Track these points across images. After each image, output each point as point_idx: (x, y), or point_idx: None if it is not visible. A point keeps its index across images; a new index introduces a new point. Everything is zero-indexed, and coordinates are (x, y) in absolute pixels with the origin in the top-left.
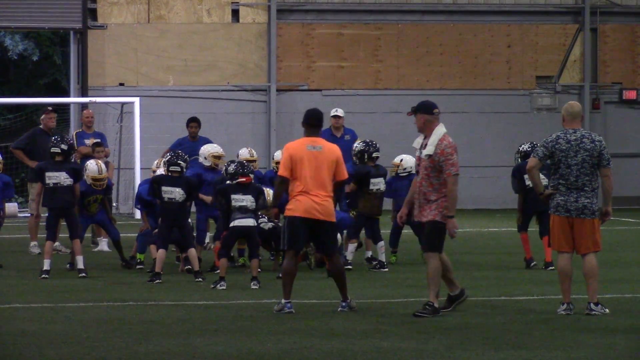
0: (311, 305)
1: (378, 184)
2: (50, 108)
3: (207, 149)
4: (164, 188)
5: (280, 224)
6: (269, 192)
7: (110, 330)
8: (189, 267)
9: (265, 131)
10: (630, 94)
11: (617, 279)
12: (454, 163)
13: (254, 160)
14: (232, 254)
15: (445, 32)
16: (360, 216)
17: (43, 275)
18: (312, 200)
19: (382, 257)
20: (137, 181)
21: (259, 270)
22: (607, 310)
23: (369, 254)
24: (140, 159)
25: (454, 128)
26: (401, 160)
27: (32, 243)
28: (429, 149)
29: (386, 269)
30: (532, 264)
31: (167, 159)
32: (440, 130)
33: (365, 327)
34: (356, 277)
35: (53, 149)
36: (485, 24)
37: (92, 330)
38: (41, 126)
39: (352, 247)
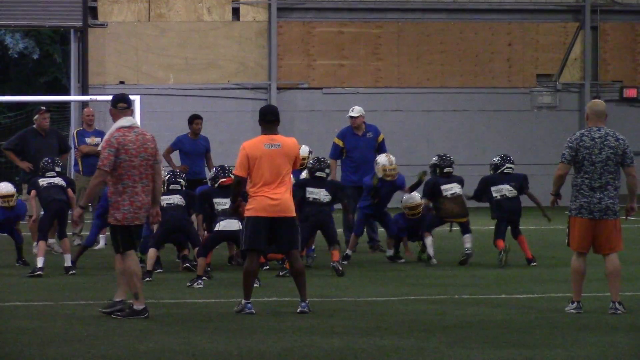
0: (311, 304)
1: (451, 188)
2: (43, 108)
3: None
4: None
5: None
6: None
7: (111, 329)
8: (188, 264)
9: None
10: (631, 92)
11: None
12: (101, 158)
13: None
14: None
15: (446, 31)
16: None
17: (37, 272)
18: (270, 199)
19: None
20: None
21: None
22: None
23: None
24: None
25: (455, 126)
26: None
27: (35, 244)
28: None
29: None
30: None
31: (166, 178)
32: (116, 124)
33: (366, 325)
34: (357, 276)
35: (49, 174)
36: (486, 22)
37: (92, 329)
38: (34, 126)
39: (429, 240)
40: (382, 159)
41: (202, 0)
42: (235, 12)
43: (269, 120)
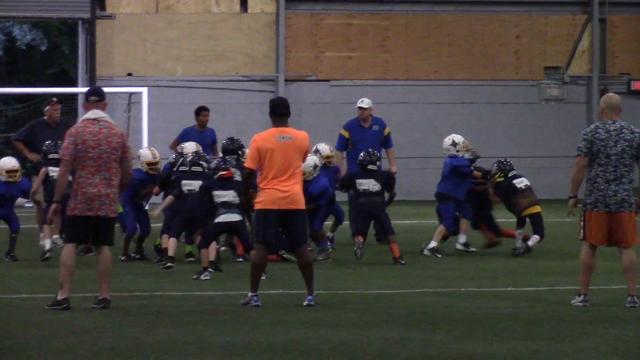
0: (318, 296)
1: (521, 181)
2: (54, 99)
3: None
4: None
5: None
6: None
7: (118, 321)
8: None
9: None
10: (639, 85)
11: (622, 270)
12: (62, 148)
13: (331, 156)
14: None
15: (454, 23)
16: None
17: (47, 255)
18: (281, 191)
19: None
20: None
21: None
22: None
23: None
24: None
25: (463, 118)
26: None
27: (42, 234)
28: None
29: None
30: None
31: (189, 159)
32: (83, 116)
33: (373, 317)
34: (364, 268)
35: (52, 155)
36: (494, 14)
37: (99, 321)
38: (45, 117)
39: (534, 239)
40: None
41: None
42: (244, 3)
43: (279, 113)
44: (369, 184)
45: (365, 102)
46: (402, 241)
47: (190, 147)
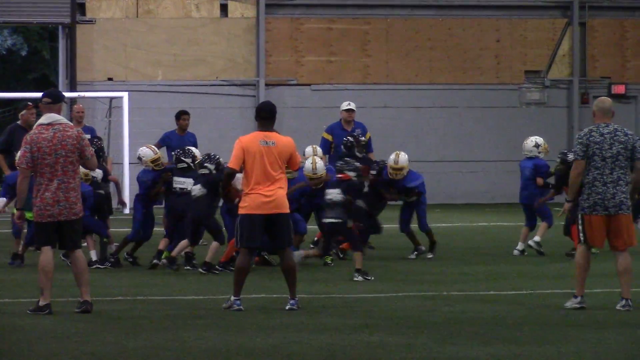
0: (300, 301)
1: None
2: (30, 103)
3: None
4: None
5: None
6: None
7: (100, 326)
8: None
9: (254, 126)
10: (619, 89)
11: (605, 274)
12: (19, 156)
13: (319, 177)
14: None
15: (435, 27)
16: None
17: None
18: (264, 196)
19: None
20: (126, 175)
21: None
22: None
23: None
24: (129, 154)
25: (443, 123)
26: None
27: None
28: None
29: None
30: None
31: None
32: (38, 121)
33: (355, 322)
34: (345, 272)
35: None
36: (474, 19)
37: (81, 326)
38: (19, 122)
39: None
40: (306, 165)
41: None
42: (224, 8)
43: (264, 117)
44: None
45: (352, 105)
46: (384, 245)
47: (147, 153)
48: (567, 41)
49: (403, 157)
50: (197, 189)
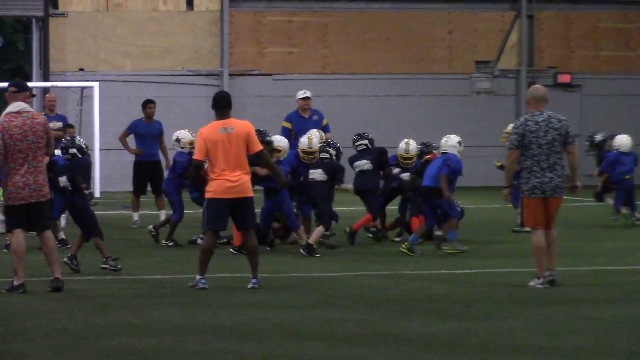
0: (262, 280)
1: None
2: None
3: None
4: None
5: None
6: None
7: (70, 304)
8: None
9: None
10: (565, 78)
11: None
12: None
13: (314, 152)
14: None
15: (390, 19)
16: None
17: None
18: (229, 181)
19: None
20: (97, 162)
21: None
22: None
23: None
24: (99, 141)
25: (399, 111)
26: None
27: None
28: None
29: None
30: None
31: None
32: (5, 110)
33: (315, 299)
34: (308, 255)
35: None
36: (427, 12)
37: (54, 304)
38: None
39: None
40: (302, 139)
41: None
42: (190, 2)
43: (220, 106)
44: (315, 174)
45: (308, 93)
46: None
47: (186, 135)
48: (515, 33)
49: (413, 145)
50: (318, 174)
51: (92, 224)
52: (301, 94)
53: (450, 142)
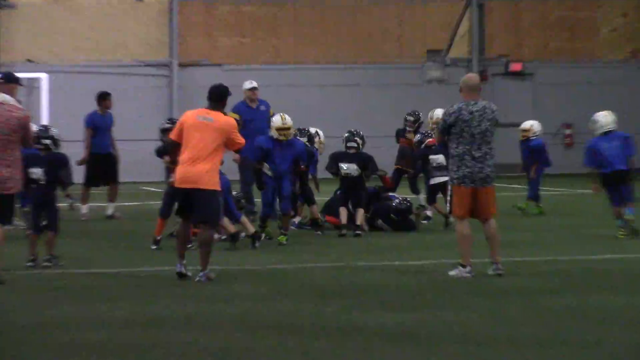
0: (214, 272)
1: None
2: None
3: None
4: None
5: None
6: None
7: (20, 297)
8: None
9: (169, 105)
10: (516, 66)
11: (503, 244)
12: None
13: (288, 128)
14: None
15: (340, 10)
16: None
17: None
18: (188, 170)
19: None
20: None
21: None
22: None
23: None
24: None
25: (349, 100)
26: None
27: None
28: None
29: None
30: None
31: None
32: None
33: (266, 291)
34: (261, 248)
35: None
36: (377, 4)
37: (3, 297)
38: None
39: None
40: (275, 118)
41: None
42: None
43: (210, 98)
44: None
45: (255, 83)
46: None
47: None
48: (466, 22)
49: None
50: (353, 169)
51: (54, 220)
52: (248, 84)
53: (612, 117)
